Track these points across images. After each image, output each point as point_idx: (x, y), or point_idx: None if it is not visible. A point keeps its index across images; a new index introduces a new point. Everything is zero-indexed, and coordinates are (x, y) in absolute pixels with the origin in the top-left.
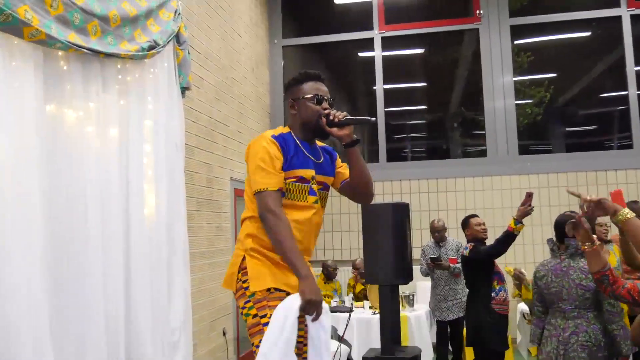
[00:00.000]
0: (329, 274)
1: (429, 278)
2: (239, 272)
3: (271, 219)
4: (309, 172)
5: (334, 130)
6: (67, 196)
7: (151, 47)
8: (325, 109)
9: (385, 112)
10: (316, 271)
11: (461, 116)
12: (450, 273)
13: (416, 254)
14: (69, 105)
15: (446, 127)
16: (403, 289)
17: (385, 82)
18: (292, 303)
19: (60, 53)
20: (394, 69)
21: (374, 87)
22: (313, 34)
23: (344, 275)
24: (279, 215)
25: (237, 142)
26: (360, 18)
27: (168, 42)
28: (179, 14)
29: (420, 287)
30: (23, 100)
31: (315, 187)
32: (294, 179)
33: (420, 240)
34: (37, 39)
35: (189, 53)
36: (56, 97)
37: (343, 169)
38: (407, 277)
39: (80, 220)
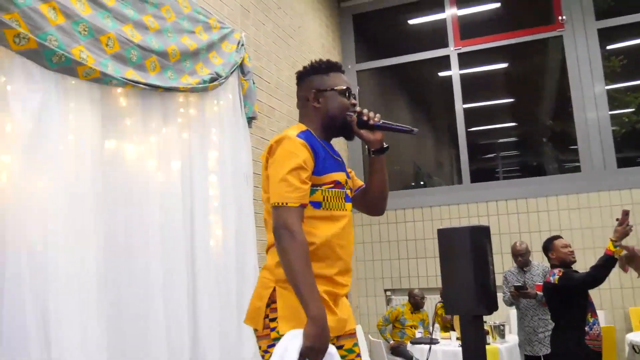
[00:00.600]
0: (416, 303)
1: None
2: (267, 307)
3: (286, 239)
4: (343, 176)
5: (364, 132)
6: (125, 232)
7: (213, 79)
8: (354, 105)
9: (469, 131)
10: (402, 300)
11: (550, 130)
12: (538, 302)
13: (500, 280)
14: (129, 141)
15: (535, 143)
16: (493, 318)
17: (466, 101)
18: (292, 343)
19: (119, 90)
20: (475, 86)
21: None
22: (387, 56)
23: (432, 303)
24: (296, 235)
25: None
26: (435, 36)
27: (231, 73)
28: (242, 45)
29: (514, 315)
30: (80, 137)
31: (349, 192)
32: (331, 185)
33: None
34: (92, 77)
35: (253, 83)
36: (115, 133)
37: (354, 175)
38: (490, 307)
39: (140, 257)
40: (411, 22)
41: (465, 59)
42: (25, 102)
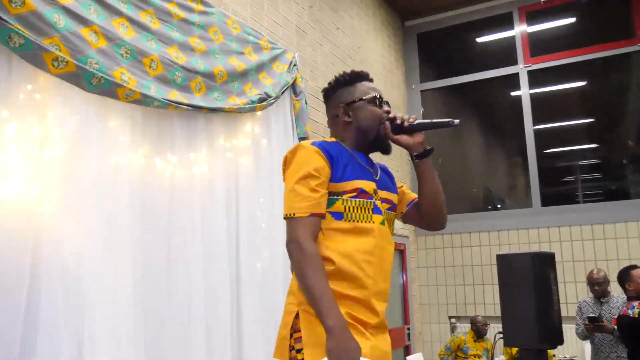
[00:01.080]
0: (478, 331)
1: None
2: (291, 336)
3: (296, 252)
4: (370, 185)
5: (402, 137)
6: (167, 256)
7: (262, 100)
8: (388, 112)
9: (544, 153)
10: (466, 327)
11: (632, 152)
12: (616, 337)
13: (573, 310)
14: (172, 162)
15: (616, 166)
16: (563, 352)
17: (538, 121)
18: None
19: (162, 111)
20: (548, 106)
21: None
22: (452, 76)
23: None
24: (305, 247)
25: None
26: (503, 54)
27: (282, 92)
28: (295, 65)
29: (588, 350)
30: (119, 159)
31: (379, 204)
32: (353, 193)
33: (575, 295)
34: (132, 99)
35: (306, 103)
36: (158, 154)
37: (406, 189)
38: (554, 340)
39: (182, 281)
40: (478, 40)
41: (537, 77)
42: (63, 124)
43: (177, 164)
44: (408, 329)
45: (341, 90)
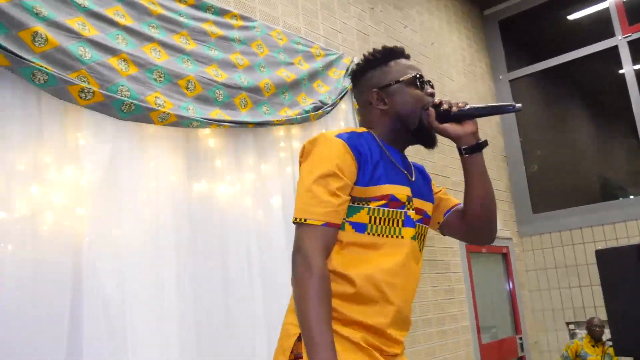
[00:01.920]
0: (594, 334)
1: None
2: None
3: (300, 267)
4: (404, 191)
5: (450, 126)
6: (222, 278)
7: (317, 108)
8: (432, 95)
9: None
10: (581, 333)
11: None
12: None
13: None
14: (220, 181)
15: None
16: None
17: None
18: None
19: (207, 131)
20: None
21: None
22: (543, 59)
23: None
24: (313, 264)
25: (462, 192)
26: (596, 28)
27: (340, 99)
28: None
29: None
30: (160, 183)
31: (412, 214)
32: (382, 201)
33: None
34: (169, 122)
35: None
36: (205, 175)
37: (444, 193)
38: None
39: (240, 303)
40: (568, 17)
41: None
42: (95, 154)
43: (227, 182)
44: (520, 338)
45: (372, 71)
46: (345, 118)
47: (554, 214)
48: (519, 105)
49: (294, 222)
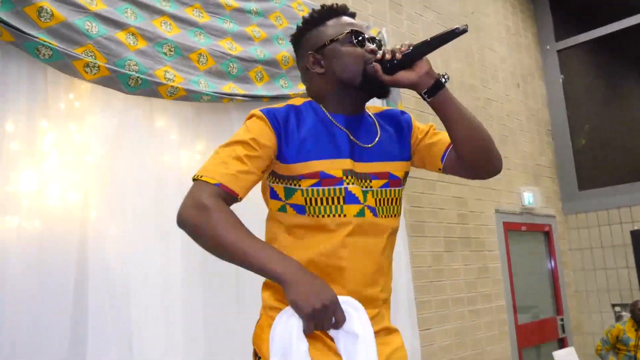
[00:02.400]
0: (637, 318)
1: None
2: (254, 347)
3: (196, 213)
4: (339, 164)
5: (400, 75)
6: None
7: None
8: (373, 51)
9: None
10: (627, 316)
11: None
12: None
13: None
14: None
15: None
16: None
17: None
18: (288, 328)
19: (218, 105)
20: None
21: None
22: (595, 28)
23: None
24: (209, 203)
25: (503, 168)
26: None
27: None
28: (380, 41)
29: None
30: (169, 157)
31: (355, 187)
32: (312, 180)
33: None
34: (178, 96)
35: None
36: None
37: (432, 135)
38: None
39: (246, 297)
40: None
41: None
42: (104, 128)
43: None
44: (561, 319)
45: (309, 33)
46: None
47: (602, 191)
48: (464, 26)
49: (193, 180)
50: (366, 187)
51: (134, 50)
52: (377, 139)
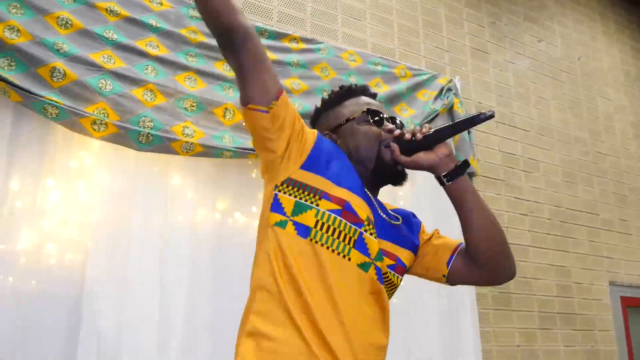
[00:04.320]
0: None
1: None
2: None
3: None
4: (365, 208)
5: (419, 156)
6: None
7: None
8: (391, 131)
9: None
10: None
11: None
12: None
13: None
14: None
15: None
16: None
17: None
18: None
19: (249, 162)
20: None
21: None
22: None
23: None
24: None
25: (619, 233)
26: None
27: (428, 122)
28: (450, 90)
29: None
30: (183, 216)
31: (370, 241)
32: (336, 206)
33: None
34: (195, 152)
35: (469, 132)
36: (238, 209)
37: (437, 237)
38: None
39: None
40: None
41: None
42: (109, 185)
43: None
44: None
45: (326, 113)
46: None
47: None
48: (491, 111)
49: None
50: (379, 261)
51: (151, 107)
52: (399, 222)
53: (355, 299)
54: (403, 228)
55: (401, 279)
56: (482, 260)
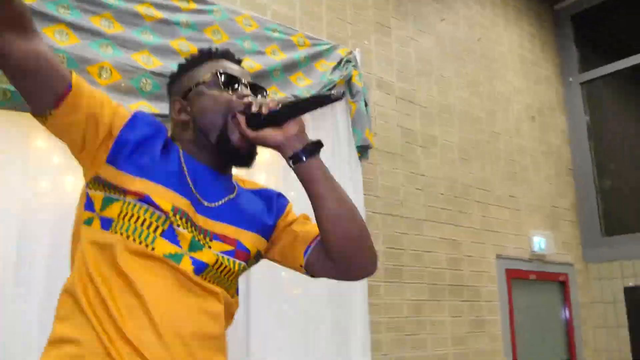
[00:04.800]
0: None
1: None
2: None
3: None
4: (173, 199)
5: (266, 132)
6: None
7: None
8: (245, 96)
9: None
10: None
11: None
12: None
13: None
14: None
15: None
16: None
17: None
18: None
19: None
20: None
21: None
22: (623, 57)
23: None
24: None
25: (509, 209)
26: None
27: None
28: (349, 62)
29: None
30: (46, 183)
31: (184, 234)
32: (133, 196)
33: None
34: None
35: (366, 105)
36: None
37: (301, 223)
38: None
39: None
40: None
41: None
42: None
43: None
44: None
45: (180, 79)
46: (333, 116)
47: (631, 237)
48: (338, 92)
49: None
50: (202, 243)
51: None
52: (224, 200)
53: (167, 290)
54: (249, 207)
55: (244, 265)
56: (334, 255)
